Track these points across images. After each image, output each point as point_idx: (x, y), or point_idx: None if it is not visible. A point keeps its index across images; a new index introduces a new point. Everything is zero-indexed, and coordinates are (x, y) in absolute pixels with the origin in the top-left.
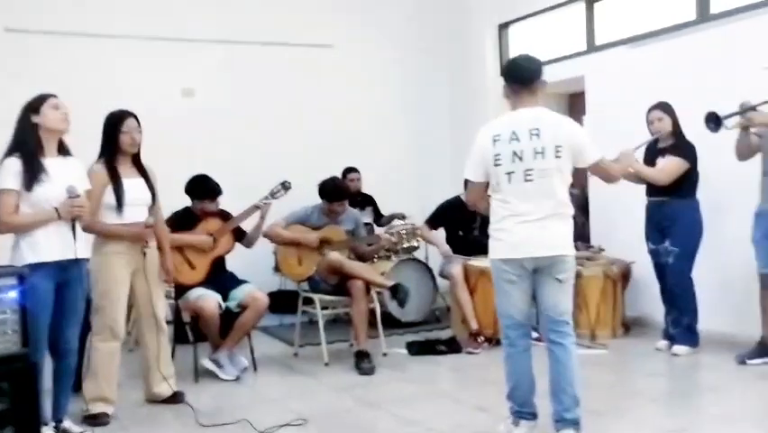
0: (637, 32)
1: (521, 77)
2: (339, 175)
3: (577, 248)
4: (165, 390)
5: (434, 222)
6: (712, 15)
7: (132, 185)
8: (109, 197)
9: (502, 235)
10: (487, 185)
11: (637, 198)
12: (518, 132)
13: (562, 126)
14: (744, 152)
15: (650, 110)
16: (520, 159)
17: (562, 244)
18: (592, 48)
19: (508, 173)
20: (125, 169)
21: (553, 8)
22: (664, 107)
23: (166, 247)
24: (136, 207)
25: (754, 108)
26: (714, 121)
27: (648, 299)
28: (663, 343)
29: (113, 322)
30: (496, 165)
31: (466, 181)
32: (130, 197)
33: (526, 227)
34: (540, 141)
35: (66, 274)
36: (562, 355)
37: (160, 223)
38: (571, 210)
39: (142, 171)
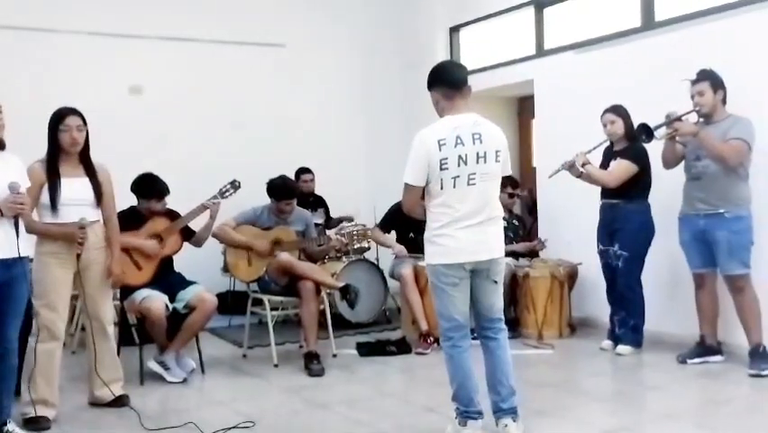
0: (585, 38)
1: (455, 81)
2: (292, 176)
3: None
4: (106, 394)
5: (385, 225)
6: (656, 23)
7: (73, 184)
8: (45, 195)
9: (444, 241)
10: (423, 190)
11: (584, 200)
12: (462, 136)
13: (499, 132)
14: (669, 160)
15: (604, 113)
16: (465, 163)
17: (499, 247)
18: (541, 52)
19: (454, 177)
20: (69, 167)
21: (503, 12)
22: (617, 110)
23: (115, 249)
24: (74, 207)
25: (679, 118)
26: (645, 132)
27: (594, 299)
28: (608, 343)
29: (50, 323)
30: (442, 169)
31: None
32: (66, 196)
33: (468, 232)
34: (482, 145)
35: (8, 273)
36: (497, 349)
37: (111, 224)
38: (502, 213)
39: (89, 170)
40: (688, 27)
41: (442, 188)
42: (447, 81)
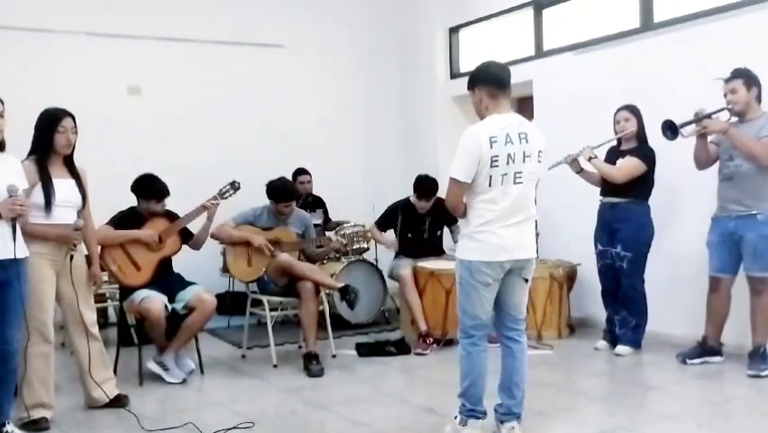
0: (584, 39)
1: (500, 81)
2: (290, 176)
3: None
4: (101, 395)
5: (383, 223)
6: (655, 24)
7: (62, 185)
8: (37, 196)
9: (486, 237)
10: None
11: (583, 201)
12: (511, 135)
13: (540, 133)
14: (702, 160)
15: (618, 110)
16: (513, 161)
17: (533, 247)
18: (540, 53)
19: (503, 175)
20: (56, 168)
21: (502, 13)
22: (632, 109)
23: (94, 252)
24: (65, 209)
25: (709, 116)
26: (671, 129)
27: (593, 300)
28: (603, 343)
29: (41, 325)
30: (493, 166)
31: (422, 190)
32: (59, 197)
33: (510, 230)
34: (528, 145)
35: (5, 273)
36: (520, 352)
37: (89, 227)
38: (536, 213)
39: (74, 172)
40: (687, 28)
41: (490, 186)
42: (493, 81)
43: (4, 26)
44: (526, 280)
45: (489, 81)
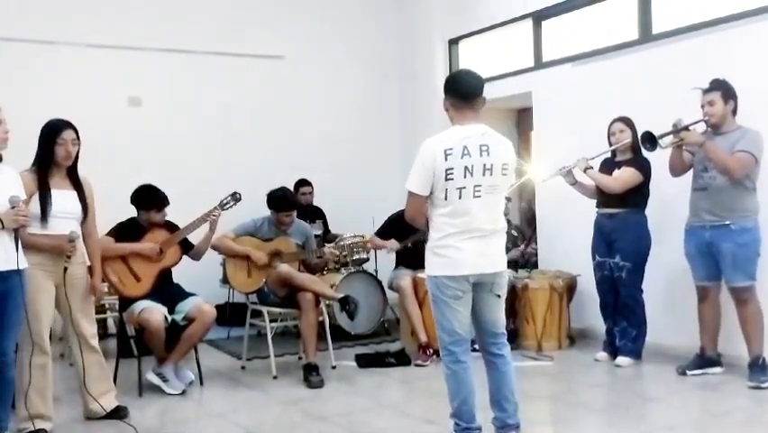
0: (583, 50)
1: (464, 92)
2: (291, 187)
3: (516, 262)
4: (102, 406)
5: (383, 234)
6: (654, 36)
7: (62, 196)
8: (34, 206)
9: (447, 252)
10: (426, 199)
11: (583, 212)
12: (469, 147)
13: (507, 146)
14: (677, 168)
15: (613, 122)
16: (471, 174)
17: (502, 261)
18: (540, 65)
19: (459, 188)
20: (58, 180)
21: (502, 25)
22: (626, 121)
23: (96, 264)
24: (63, 220)
25: (686, 128)
26: (650, 140)
27: (593, 311)
28: (603, 354)
29: (37, 336)
30: (447, 179)
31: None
32: (57, 208)
33: (473, 243)
34: (489, 158)
35: (6, 284)
36: (503, 365)
37: (93, 240)
38: (506, 226)
39: (76, 184)
40: (685, 40)
41: (446, 199)
42: (457, 92)
43: (4, 38)
44: (499, 296)
45: (453, 92)
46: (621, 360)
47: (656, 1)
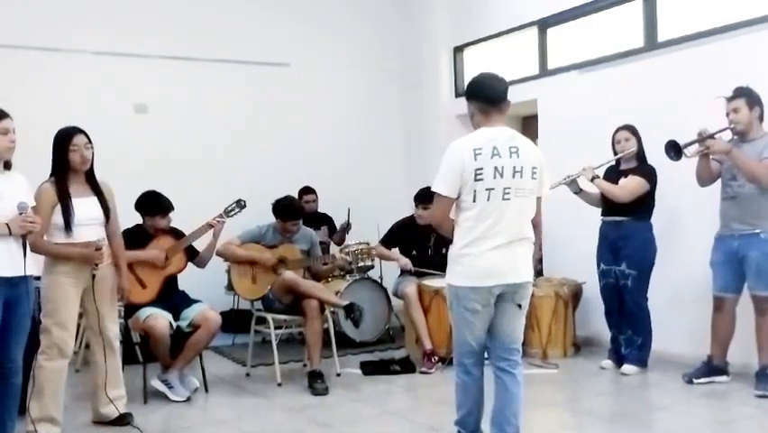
0: (588, 58)
1: (491, 96)
2: (295, 194)
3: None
4: (112, 411)
5: (388, 241)
6: (659, 43)
7: (84, 204)
8: (57, 216)
9: (471, 261)
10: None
11: (588, 219)
12: (499, 147)
13: (536, 149)
14: (705, 178)
15: (618, 130)
16: (501, 175)
17: (528, 271)
18: (545, 72)
19: (489, 189)
20: (77, 187)
21: (507, 32)
22: (632, 129)
23: (123, 266)
24: (87, 227)
25: (712, 136)
26: (674, 150)
27: (598, 318)
28: (608, 362)
29: (61, 341)
30: (477, 180)
31: (420, 197)
32: (80, 216)
33: (499, 252)
34: (519, 160)
35: (14, 291)
36: (512, 385)
37: (117, 240)
38: (533, 236)
39: (96, 189)
40: (691, 48)
41: (474, 201)
42: (483, 96)
43: (11, 45)
44: (520, 306)
45: (479, 97)
46: (627, 368)
47: (662, 8)
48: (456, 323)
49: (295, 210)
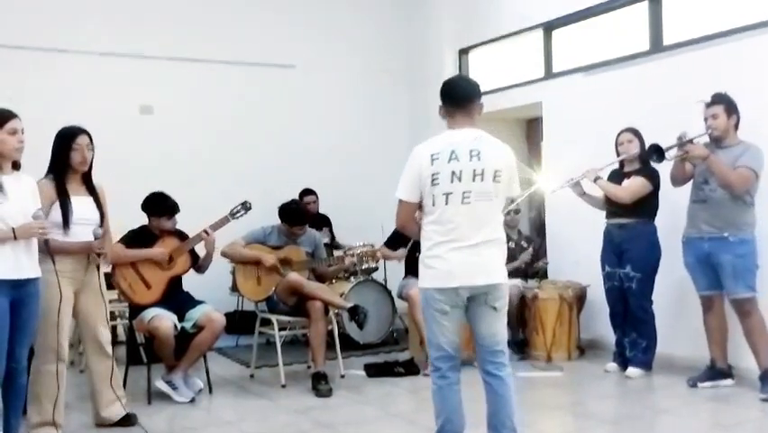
0: (594, 61)
1: (455, 97)
2: (296, 195)
3: (526, 272)
4: (113, 413)
5: (392, 244)
6: (665, 47)
7: (81, 203)
8: (55, 214)
9: (435, 263)
10: (417, 207)
11: (593, 221)
12: (458, 151)
13: (501, 151)
14: (678, 179)
15: (621, 132)
16: (459, 179)
17: (498, 272)
18: (550, 75)
19: (446, 194)
20: (74, 186)
21: (512, 35)
22: (634, 131)
23: (108, 244)
24: (83, 226)
25: (691, 141)
26: (657, 152)
27: (603, 321)
28: (613, 365)
29: (56, 344)
30: (433, 184)
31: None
32: (77, 215)
33: (461, 254)
34: (480, 163)
35: (19, 292)
36: (500, 388)
37: (107, 242)
38: (504, 236)
39: (92, 190)
40: (696, 51)
41: (434, 205)
42: (447, 98)
43: (18, 46)
44: (495, 309)
45: (444, 98)
46: (631, 371)
47: (667, 12)
48: (428, 325)
49: (301, 215)
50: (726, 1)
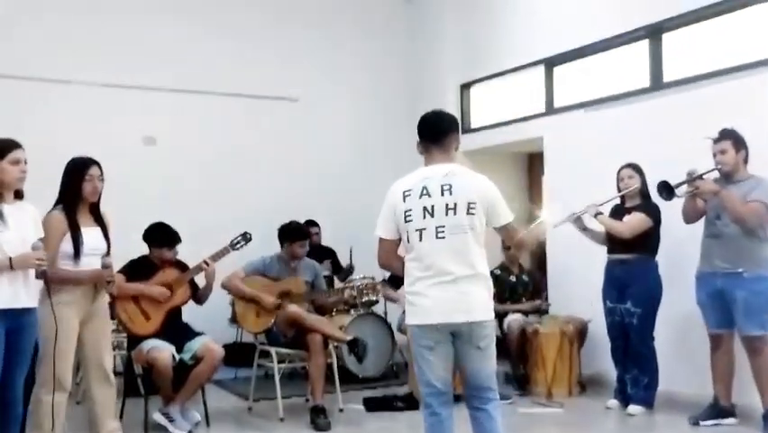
0: (595, 97)
1: (430, 132)
2: None
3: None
4: None
5: (393, 280)
6: (665, 84)
7: (90, 234)
8: (66, 245)
9: (416, 300)
10: (397, 243)
11: (594, 256)
12: (429, 187)
13: (475, 183)
14: (690, 215)
15: (621, 168)
16: (431, 215)
17: (480, 309)
18: (551, 110)
19: (419, 230)
20: (83, 217)
21: (514, 70)
22: (635, 167)
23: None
24: (92, 257)
25: (701, 177)
26: (666, 190)
27: (604, 357)
28: (614, 402)
29: (60, 375)
30: (406, 221)
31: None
32: (87, 246)
33: (441, 289)
34: (452, 197)
35: (16, 322)
36: (486, 421)
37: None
38: (487, 271)
39: (99, 220)
40: (696, 88)
41: (409, 241)
42: (422, 132)
43: (21, 76)
44: (479, 348)
45: (420, 135)
46: (633, 408)
47: (668, 49)
48: (417, 363)
49: (301, 231)
50: (725, 39)
